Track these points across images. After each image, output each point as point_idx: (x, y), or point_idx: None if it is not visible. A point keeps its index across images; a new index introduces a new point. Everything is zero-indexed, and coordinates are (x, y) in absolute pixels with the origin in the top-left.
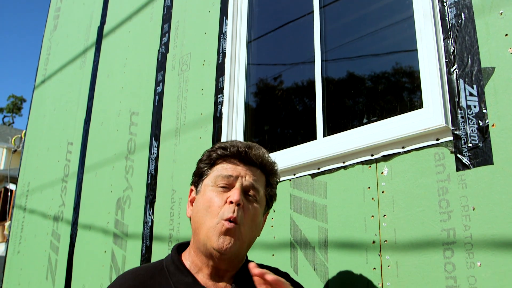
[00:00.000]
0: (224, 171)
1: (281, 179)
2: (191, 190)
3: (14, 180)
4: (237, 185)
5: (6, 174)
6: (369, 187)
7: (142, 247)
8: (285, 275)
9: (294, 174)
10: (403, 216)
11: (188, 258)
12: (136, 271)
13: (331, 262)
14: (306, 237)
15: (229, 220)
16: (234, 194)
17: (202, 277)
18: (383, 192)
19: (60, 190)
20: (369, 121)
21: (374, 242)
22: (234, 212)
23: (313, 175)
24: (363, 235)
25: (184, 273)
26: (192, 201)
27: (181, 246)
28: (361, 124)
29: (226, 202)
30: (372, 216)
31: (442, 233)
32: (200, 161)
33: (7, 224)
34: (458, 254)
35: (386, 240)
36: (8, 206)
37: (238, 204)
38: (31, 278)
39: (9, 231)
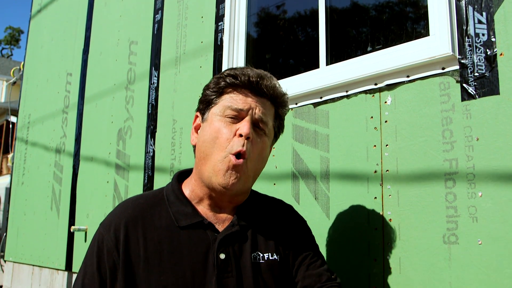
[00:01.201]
0: (234, 103)
1: None
2: (196, 117)
3: (15, 113)
4: (247, 118)
5: (7, 106)
6: (372, 117)
7: (144, 177)
8: (288, 208)
9: (296, 103)
10: (406, 146)
11: (189, 187)
12: (136, 200)
13: (332, 192)
14: (308, 167)
15: (237, 154)
16: (244, 127)
17: (202, 207)
18: (386, 121)
19: (61, 121)
20: (373, 50)
21: (375, 171)
22: (243, 145)
23: (315, 104)
24: (365, 164)
25: (183, 202)
26: (196, 128)
27: (182, 174)
28: (365, 52)
29: (235, 134)
30: (374, 145)
31: (444, 163)
32: (207, 87)
33: (10, 156)
34: (460, 184)
35: (387, 170)
36: (10, 138)
37: (247, 138)
38: (36, 208)
39: (13, 163)
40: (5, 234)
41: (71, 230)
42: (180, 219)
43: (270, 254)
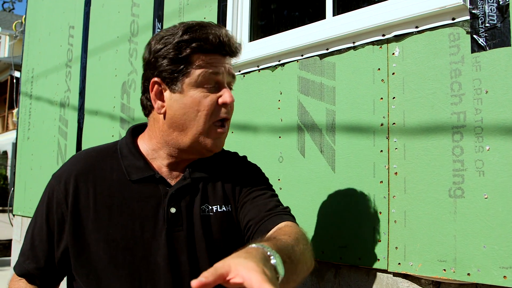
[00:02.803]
0: (212, 77)
1: (288, 60)
2: (154, 83)
3: (19, 68)
4: (226, 85)
5: (10, 61)
6: (379, 69)
7: None
8: (241, 159)
9: (302, 55)
10: (413, 99)
11: (147, 144)
12: (88, 153)
13: (338, 145)
14: (313, 120)
15: (222, 120)
16: (226, 96)
17: (158, 163)
18: (393, 73)
19: (65, 75)
20: None
21: (382, 124)
22: (228, 113)
23: (321, 56)
24: (371, 117)
25: (136, 156)
26: (157, 94)
27: (137, 129)
28: (373, 2)
29: (217, 102)
30: (381, 98)
31: (452, 117)
32: (162, 55)
33: (15, 111)
34: (467, 138)
35: (394, 123)
36: (15, 94)
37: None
38: (42, 163)
39: (18, 118)
40: (13, 188)
41: None
42: (132, 173)
43: (218, 206)
